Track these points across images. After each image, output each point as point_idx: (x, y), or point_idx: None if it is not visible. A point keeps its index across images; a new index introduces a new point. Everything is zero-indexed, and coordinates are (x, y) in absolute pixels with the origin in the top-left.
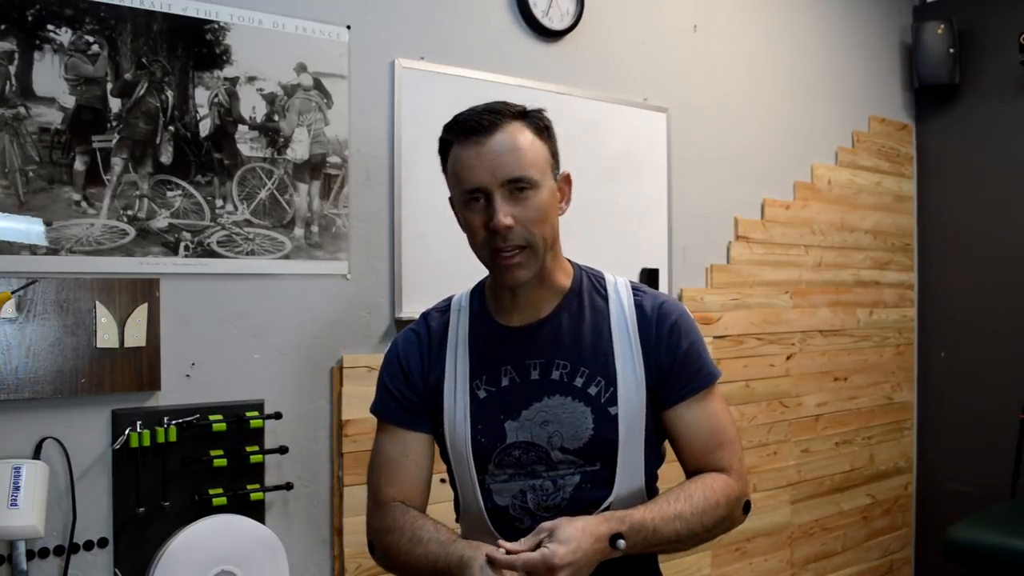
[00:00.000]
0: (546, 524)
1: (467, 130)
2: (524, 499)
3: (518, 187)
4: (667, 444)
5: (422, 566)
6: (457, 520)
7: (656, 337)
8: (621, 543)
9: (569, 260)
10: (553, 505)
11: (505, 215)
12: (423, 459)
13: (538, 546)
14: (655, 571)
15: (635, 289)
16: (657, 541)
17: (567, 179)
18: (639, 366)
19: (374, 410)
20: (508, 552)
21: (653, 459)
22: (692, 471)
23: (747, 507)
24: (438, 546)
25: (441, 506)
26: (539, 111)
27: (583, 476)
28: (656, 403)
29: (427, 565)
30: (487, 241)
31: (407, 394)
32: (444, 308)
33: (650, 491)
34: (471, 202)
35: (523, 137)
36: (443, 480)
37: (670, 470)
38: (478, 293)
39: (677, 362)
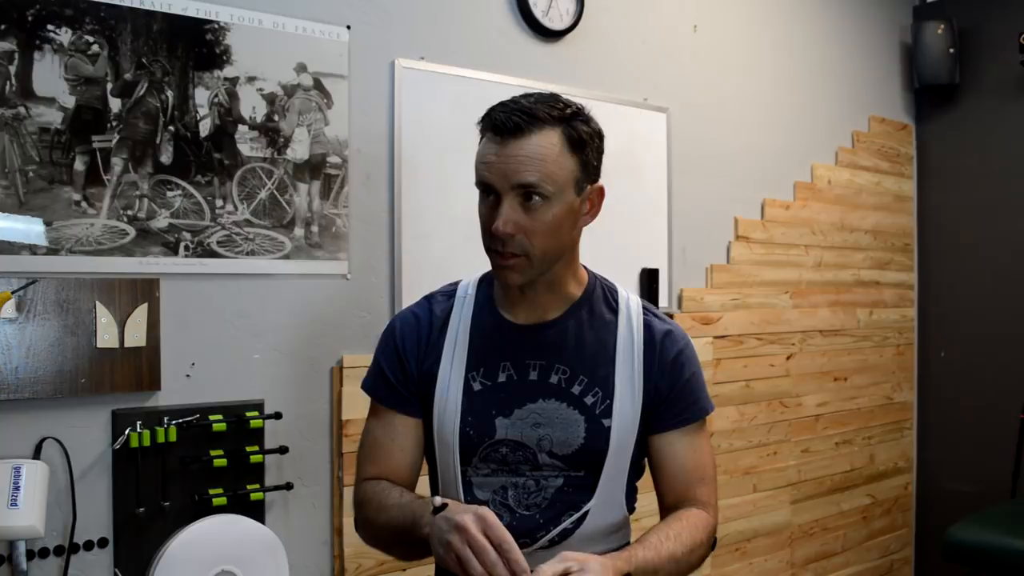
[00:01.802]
0: (570, 554)
1: (495, 125)
2: (505, 496)
3: (528, 196)
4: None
5: (389, 532)
6: (435, 513)
7: (660, 360)
8: None
9: (586, 268)
10: (534, 504)
11: (506, 222)
12: (410, 443)
13: (564, 573)
14: None
15: (646, 309)
16: None
17: (600, 192)
18: (638, 383)
19: (365, 387)
20: None
21: (634, 473)
22: (671, 502)
23: (714, 543)
24: (398, 510)
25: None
26: (586, 119)
27: (566, 480)
28: (647, 425)
29: (391, 530)
30: (488, 239)
31: (400, 377)
32: (450, 292)
33: (628, 503)
34: (483, 195)
35: (549, 148)
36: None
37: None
38: (487, 282)
39: (677, 389)
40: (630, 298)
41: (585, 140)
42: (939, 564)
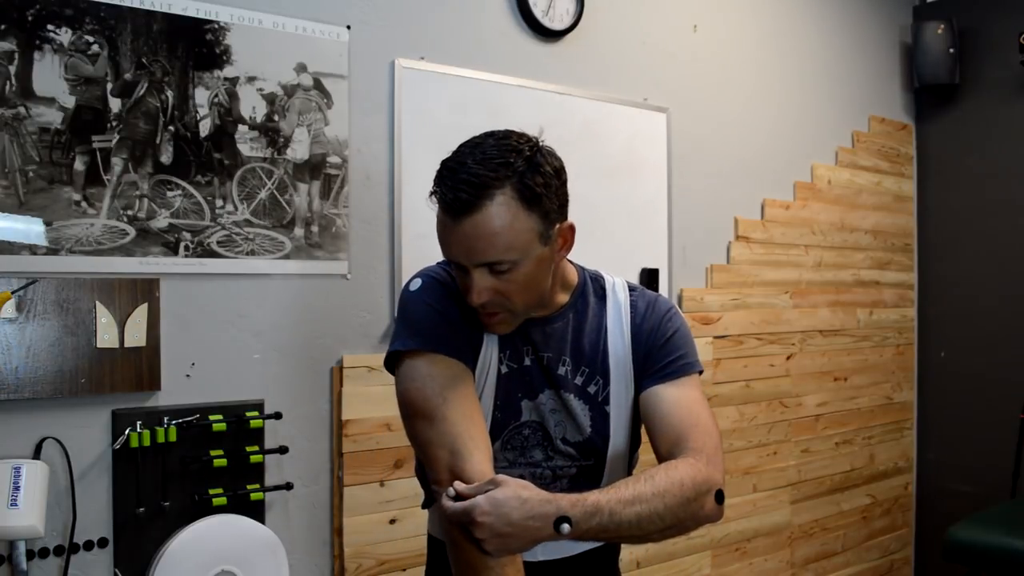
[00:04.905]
0: (500, 477)
1: (442, 201)
2: None
3: (495, 269)
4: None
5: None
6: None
7: (649, 326)
8: (566, 527)
9: (572, 263)
10: None
11: (479, 293)
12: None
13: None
14: (614, 570)
15: (631, 288)
16: (615, 526)
17: (571, 229)
18: (629, 358)
19: (417, 343)
20: (457, 494)
21: (633, 449)
22: (664, 454)
23: (720, 496)
24: None
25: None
26: (538, 165)
27: (579, 470)
28: (638, 389)
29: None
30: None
31: (463, 324)
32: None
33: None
34: (453, 263)
35: (499, 219)
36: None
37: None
38: None
39: (662, 344)
40: (615, 282)
41: (540, 193)
42: (939, 564)
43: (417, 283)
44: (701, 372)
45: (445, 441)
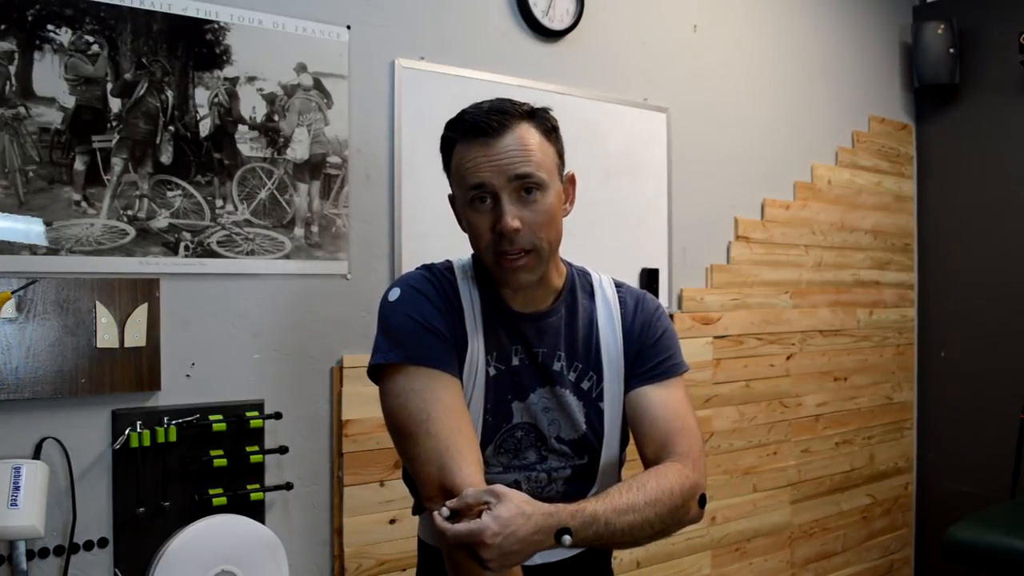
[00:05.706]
0: (499, 488)
1: (474, 130)
2: (518, 490)
3: (526, 188)
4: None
5: None
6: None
7: (639, 325)
8: (567, 539)
9: (560, 258)
10: (547, 498)
11: (513, 217)
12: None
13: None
14: (607, 572)
15: (618, 286)
16: (610, 534)
17: (572, 179)
18: (620, 357)
19: (405, 357)
20: (452, 511)
21: (623, 447)
22: (651, 457)
23: (703, 500)
24: None
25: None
26: (546, 111)
27: (574, 470)
28: (626, 387)
29: None
30: (493, 244)
31: (445, 333)
32: (448, 268)
33: (619, 477)
34: (476, 202)
35: (532, 138)
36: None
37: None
38: (480, 266)
39: (651, 345)
40: (602, 279)
41: (556, 127)
42: (939, 564)
43: (396, 292)
44: (687, 370)
45: (432, 457)
